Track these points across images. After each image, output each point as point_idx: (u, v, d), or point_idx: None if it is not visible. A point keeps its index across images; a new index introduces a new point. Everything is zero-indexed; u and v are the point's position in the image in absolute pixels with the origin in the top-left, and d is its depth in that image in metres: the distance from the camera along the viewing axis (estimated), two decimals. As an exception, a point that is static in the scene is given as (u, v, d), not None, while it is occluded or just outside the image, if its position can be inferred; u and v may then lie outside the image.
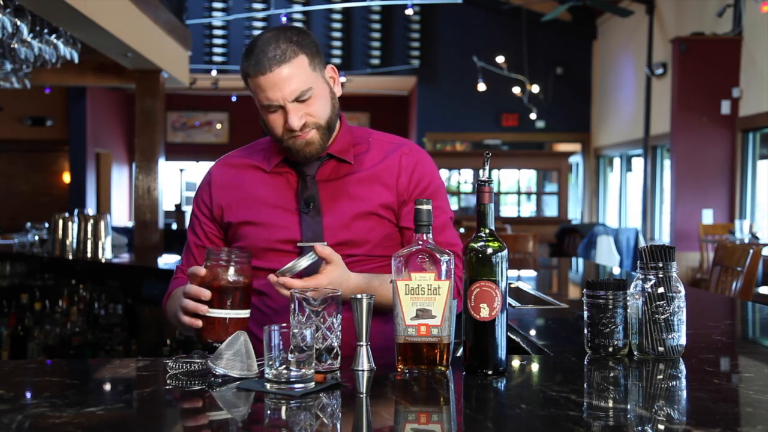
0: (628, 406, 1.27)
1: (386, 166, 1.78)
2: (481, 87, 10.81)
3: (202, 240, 1.85)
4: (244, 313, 1.52)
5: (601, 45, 11.57)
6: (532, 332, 1.95)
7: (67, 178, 12.17)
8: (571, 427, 1.13)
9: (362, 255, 1.73)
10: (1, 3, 4.07)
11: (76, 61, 5.08)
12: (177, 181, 13.72)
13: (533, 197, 12.42)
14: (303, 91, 1.66)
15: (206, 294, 1.50)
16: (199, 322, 1.52)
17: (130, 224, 9.68)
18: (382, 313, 1.68)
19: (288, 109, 1.66)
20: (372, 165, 1.78)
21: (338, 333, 1.44)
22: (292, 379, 1.30)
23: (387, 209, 1.76)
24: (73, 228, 5.14)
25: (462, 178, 12.16)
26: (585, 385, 1.40)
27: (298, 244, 1.72)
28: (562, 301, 2.52)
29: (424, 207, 1.46)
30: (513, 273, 3.50)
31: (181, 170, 13.79)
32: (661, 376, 1.44)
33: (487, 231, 1.44)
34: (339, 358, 1.44)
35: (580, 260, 4.76)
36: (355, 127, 1.86)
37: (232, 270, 1.52)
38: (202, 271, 1.53)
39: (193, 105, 13.66)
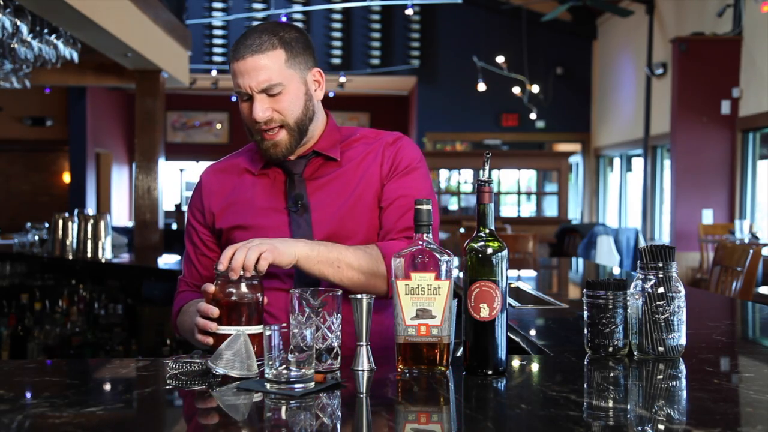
0: (628, 406, 1.27)
1: (372, 158, 1.78)
2: (481, 87, 10.80)
3: (201, 249, 1.84)
4: (256, 329, 1.49)
5: (601, 45, 11.57)
6: (532, 332, 1.95)
7: (67, 178, 12.17)
8: (571, 427, 1.13)
9: None
10: (1, 3, 4.07)
11: (76, 61, 5.08)
12: (177, 181, 13.72)
13: (533, 197, 12.42)
14: (272, 84, 1.66)
15: (214, 311, 1.50)
16: (211, 340, 1.50)
17: (130, 224, 9.68)
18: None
19: (255, 99, 1.67)
20: (358, 159, 1.78)
21: (338, 333, 1.44)
22: (292, 379, 1.30)
23: (374, 200, 1.75)
24: (73, 228, 5.14)
25: (462, 178, 12.16)
26: (585, 385, 1.40)
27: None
28: (562, 301, 2.52)
29: (424, 207, 1.46)
30: (513, 273, 3.50)
31: (181, 170, 13.79)
32: (661, 376, 1.44)
33: (487, 231, 1.44)
34: (339, 358, 1.44)
35: (580, 260, 4.76)
36: (344, 127, 1.87)
37: (242, 286, 1.51)
38: (211, 288, 1.52)
39: (193, 105, 13.66)
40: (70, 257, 5.06)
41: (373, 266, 1.66)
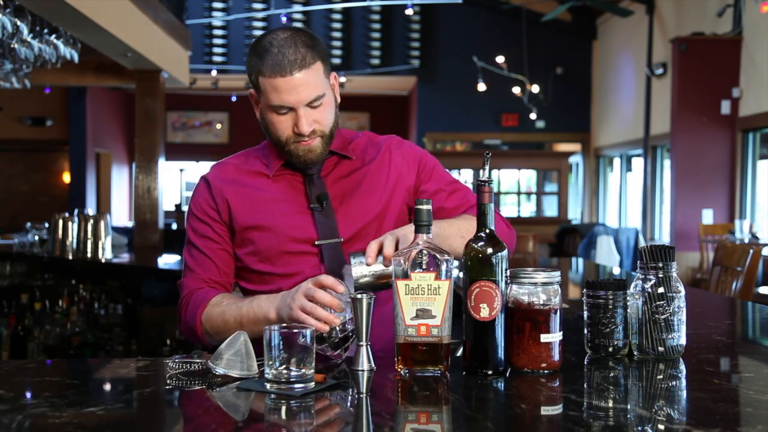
0: (628, 406, 1.27)
1: (395, 162, 1.83)
2: (481, 87, 10.80)
3: (220, 244, 1.78)
4: None
5: (601, 45, 11.57)
6: (532, 332, 1.94)
7: (67, 178, 12.17)
8: (571, 427, 1.13)
9: None
10: (1, 3, 4.07)
11: (76, 61, 5.08)
12: (177, 181, 13.72)
13: (533, 197, 12.42)
14: (318, 96, 1.68)
15: None
16: None
17: (130, 224, 9.67)
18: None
19: (300, 114, 1.67)
20: (379, 160, 1.83)
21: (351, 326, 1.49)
22: (292, 379, 1.30)
23: (403, 205, 1.81)
24: (73, 228, 5.13)
25: (462, 178, 12.11)
26: (585, 385, 1.40)
27: (315, 243, 1.74)
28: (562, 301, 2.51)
29: (424, 207, 1.47)
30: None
31: (181, 170, 13.79)
32: (661, 376, 1.44)
33: (487, 231, 1.44)
34: (350, 348, 1.48)
35: (580, 260, 4.76)
36: (341, 129, 1.87)
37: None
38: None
39: (193, 105, 13.66)
40: (70, 257, 5.06)
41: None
